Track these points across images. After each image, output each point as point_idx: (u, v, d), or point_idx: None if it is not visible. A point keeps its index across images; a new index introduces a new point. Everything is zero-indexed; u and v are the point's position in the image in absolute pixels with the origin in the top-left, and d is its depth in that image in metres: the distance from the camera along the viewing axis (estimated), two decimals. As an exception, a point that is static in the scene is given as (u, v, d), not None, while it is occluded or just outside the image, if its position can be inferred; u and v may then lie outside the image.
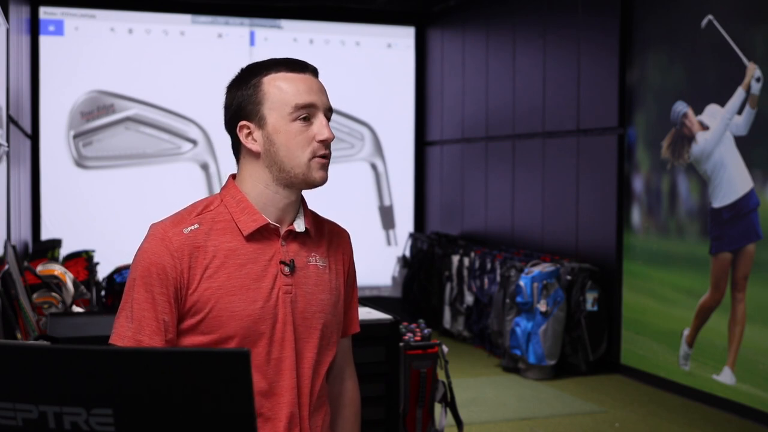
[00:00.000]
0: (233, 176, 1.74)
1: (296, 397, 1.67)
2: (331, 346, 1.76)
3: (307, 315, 1.68)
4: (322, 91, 1.69)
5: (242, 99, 1.68)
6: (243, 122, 1.67)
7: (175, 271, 1.60)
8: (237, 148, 1.72)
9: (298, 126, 1.65)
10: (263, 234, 1.67)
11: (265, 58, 1.73)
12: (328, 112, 1.69)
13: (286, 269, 1.67)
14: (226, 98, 1.71)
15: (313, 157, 1.65)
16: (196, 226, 1.64)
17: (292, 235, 1.70)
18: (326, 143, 1.66)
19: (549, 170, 7.03)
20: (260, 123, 1.66)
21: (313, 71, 1.70)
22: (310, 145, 1.65)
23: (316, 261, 1.72)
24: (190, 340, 1.63)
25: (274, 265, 1.66)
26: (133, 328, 1.60)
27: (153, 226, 1.65)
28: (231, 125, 1.70)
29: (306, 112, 1.65)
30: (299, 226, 1.71)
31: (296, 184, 1.67)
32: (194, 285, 1.61)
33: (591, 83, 6.50)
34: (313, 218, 1.78)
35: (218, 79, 1.77)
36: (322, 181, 1.68)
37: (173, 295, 1.61)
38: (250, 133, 1.67)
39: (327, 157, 1.68)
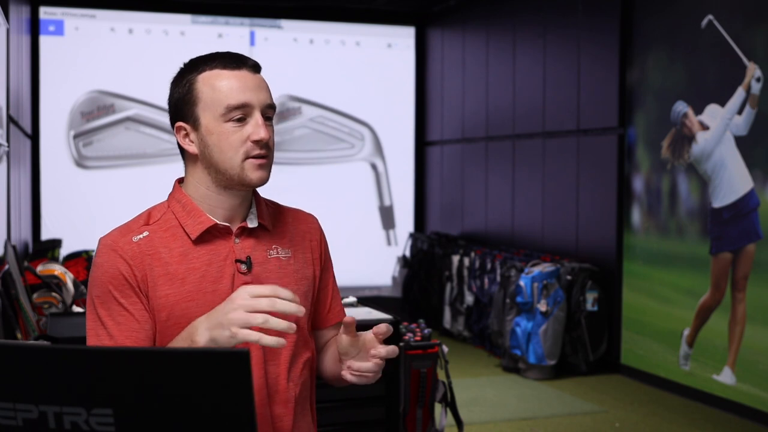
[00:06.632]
0: (179, 180, 1.68)
1: (266, 397, 1.60)
2: (308, 339, 1.69)
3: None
4: (261, 87, 1.59)
5: (178, 98, 1.61)
6: (179, 123, 1.62)
7: (134, 278, 1.54)
8: (180, 148, 1.65)
9: (230, 127, 1.56)
10: (214, 234, 1.60)
11: (206, 53, 1.64)
12: (268, 109, 1.59)
13: (243, 267, 1.59)
14: (168, 94, 1.64)
15: (247, 158, 1.57)
16: (145, 233, 1.58)
17: (246, 231, 1.63)
18: (261, 144, 1.57)
19: (549, 170, 7.03)
20: (195, 124, 1.59)
21: (252, 66, 1.60)
22: (244, 145, 1.56)
23: (278, 253, 1.65)
24: None
25: (230, 264, 1.59)
26: (113, 344, 1.52)
27: (101, 240, 1.59)
28: (171, 125, 1.65)
29: (240, 113, 1.56)
30: (252, 221, 1.64)
31: (234, 186, 1.60)
32: (152, 293, 1.55)
33: (591, 83, 6.51)
34: (272, 210, 1.71)
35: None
36: (260, 181, 1.59)
37: (140, 298, 1.55)
38: (186, 135, 1.61)
39: (264, 157, 1.58)
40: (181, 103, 1.60)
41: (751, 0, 5.15)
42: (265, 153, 1.58)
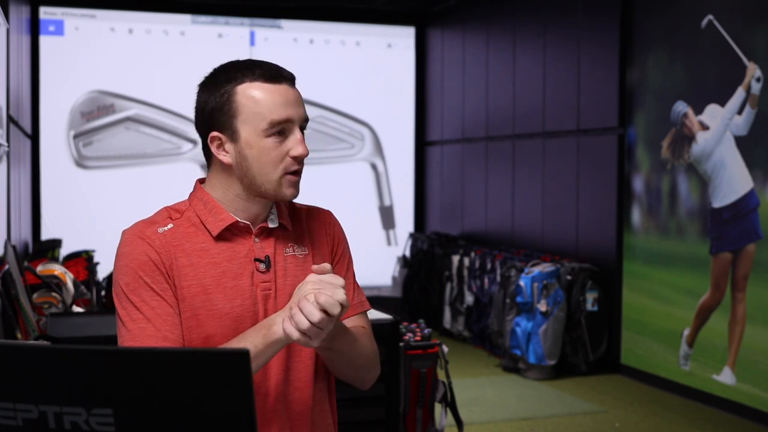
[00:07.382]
0: (201, 181, 1.69)
1: (284, 393, 1.62)
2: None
3: None
4: (299, 102, 1.63)
5: (214, 107, 1.60)
6: (215, 133, 1.61)
7: (163, 266, 1.57)
8: (208, 154, 1.66)
9: (271, 142, 1.59)
10: (234, 233, 1.63)
11: (240, 59, 1.65)
12: (304, 122, 1.64)
13: (261, 266, 1.62)
14: (198, 98, 1.64)
15: (285, 174, 1.60)
16: (170, 225, 1.61)
17: (266, 231, 1.66)
18: (300, 159, 1.61)
19: (549, 170, 7.03)
20: (233, 136, 1.60)
21: (290, 80, 1.63)
22: (283, 161, 1.60)
23: (294, 251, 1.68)
24: None
25: (249, 262, 1.62)
26: (152, 327, 1.54)
27: (127, 231, 1.61)
28: (202, 131, 1.65)
29: (281, 127, 1.59)
30: (273, 221, 1.67)
31: (266, 197, 1.63)
32: (177, 282, 1.58)
33: (591, 83, 6.50)
34: (289, 210, 1.73)
35: (218, 79, 1.71)
36: (293, 197, 1.64)
37: (170, 285, 1.57)
38: (221, 145, 1.61)
39: (298, 173, 1.63)
40: (218, 113, 1.60)
41: (751, 0, 5.15)
42: (300, 168, 1.63)
